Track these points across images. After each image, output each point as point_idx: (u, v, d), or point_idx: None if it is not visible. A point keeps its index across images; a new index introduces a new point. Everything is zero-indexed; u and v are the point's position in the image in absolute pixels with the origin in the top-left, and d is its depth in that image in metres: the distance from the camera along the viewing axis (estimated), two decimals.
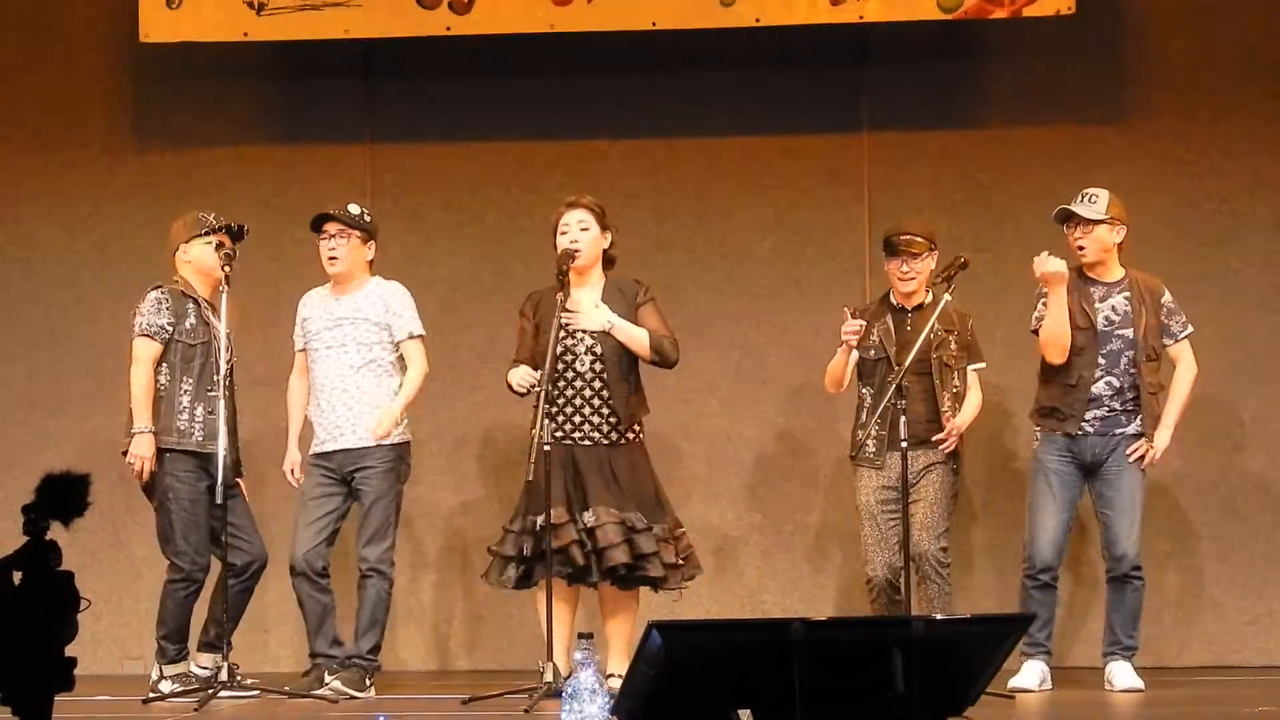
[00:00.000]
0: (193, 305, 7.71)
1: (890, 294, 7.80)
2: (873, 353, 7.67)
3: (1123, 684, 7.56)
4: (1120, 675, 7.59)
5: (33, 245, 9.17)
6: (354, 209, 7.82)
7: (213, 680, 7.45)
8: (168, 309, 7.67)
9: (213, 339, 7.65)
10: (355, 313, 7.73)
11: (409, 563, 8.75)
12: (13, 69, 9.19)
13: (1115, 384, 7.66)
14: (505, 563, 7.44)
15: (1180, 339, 7.78)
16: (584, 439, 7.39)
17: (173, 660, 7.70)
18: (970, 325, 7.77)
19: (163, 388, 7.65)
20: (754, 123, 8.99)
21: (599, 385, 7.42)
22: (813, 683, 4.57)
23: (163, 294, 7.71)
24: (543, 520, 7.19)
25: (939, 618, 5.54)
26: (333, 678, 7.55)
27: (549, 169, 8.97)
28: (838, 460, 8.57)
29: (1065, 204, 7.73)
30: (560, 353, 7.36)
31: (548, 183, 8.77)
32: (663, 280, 8.26)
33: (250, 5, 8.63)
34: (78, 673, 4.08)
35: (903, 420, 7.28)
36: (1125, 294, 7.71)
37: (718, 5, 8.51)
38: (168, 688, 7.59)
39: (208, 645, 7.77)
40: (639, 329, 7.46)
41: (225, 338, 7.54)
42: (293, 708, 7.32)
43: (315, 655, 7.70)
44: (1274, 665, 8.61)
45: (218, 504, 7.41)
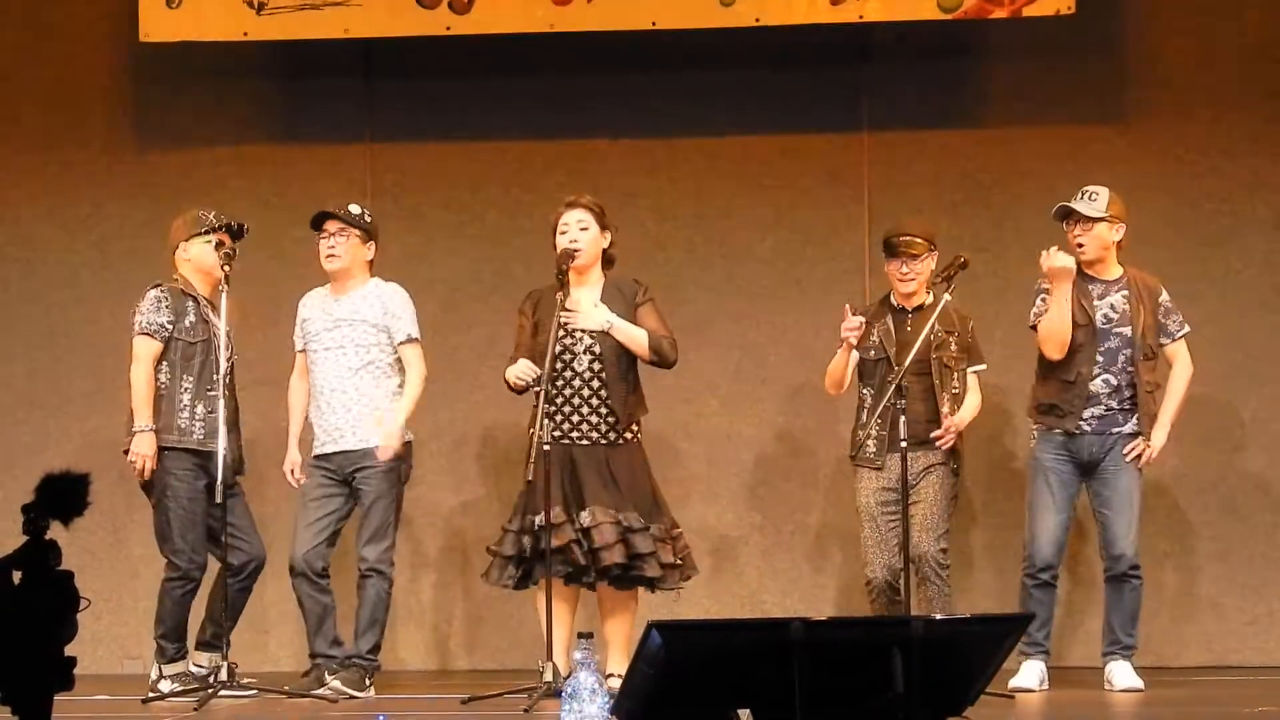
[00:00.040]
0: (192, 303, 7.71)
1: (890, 295, 7.80)
2: (873, 353, 7.67)
3: (1122, 684, 7.56)
4: (1120, 675, 7.59)
5: (33, 245, 9.17)
6: (354, 209, 7.83)
7: (209, 679, 7.46)
8: (167, 307, 7.67)
9: (212, 337, 7.65)
10: (353, 314, 7.73)
11: (409, 563, 8.75)
12: (13, 69, 9.18)
13: (1113, 382, 7.66)
14: (506, 562, 7.43)
15: (1177, 338, 7.78)
16: (582, 439, 7.39)
17: (171, 659, 7.71)
18: (971, 327, 7.76)
19: (163, 386, 7.65)
20: (754, 122, 8.98)
21: (597, 385, 7.41)
22: (813, 683, 4.57)
23: (162, 292, 7.71)
24: (541, 520, 7.20)
25: (939, 618, 5.53)
26: (333, 677, 7.55)
27: (549, 169, 8.97)
28: (838, 460, 8.56)
29: (1065, 202, 7.75)
30: (559, 352, 7.36)
31: (548, 183, 8.77)
32: (662, 280, 8.26)
33: (250, 5, 8.63)
34: (77, 672, 4.07)
35: (902, 420, 7.28)
36: (1123, 292, 7.72)
37: (718, 5, 8.51)
38: (167, 687, 7.59)
39: (204, 644, 7.78)
40: (638, 329, 7.45)
41: (225, 335, 7.55)
42: (292, 707, 7.32)
43: (315, 655, 7.70)
44: (1273, 665, 8.61)
45: (217, 503, 7.42)
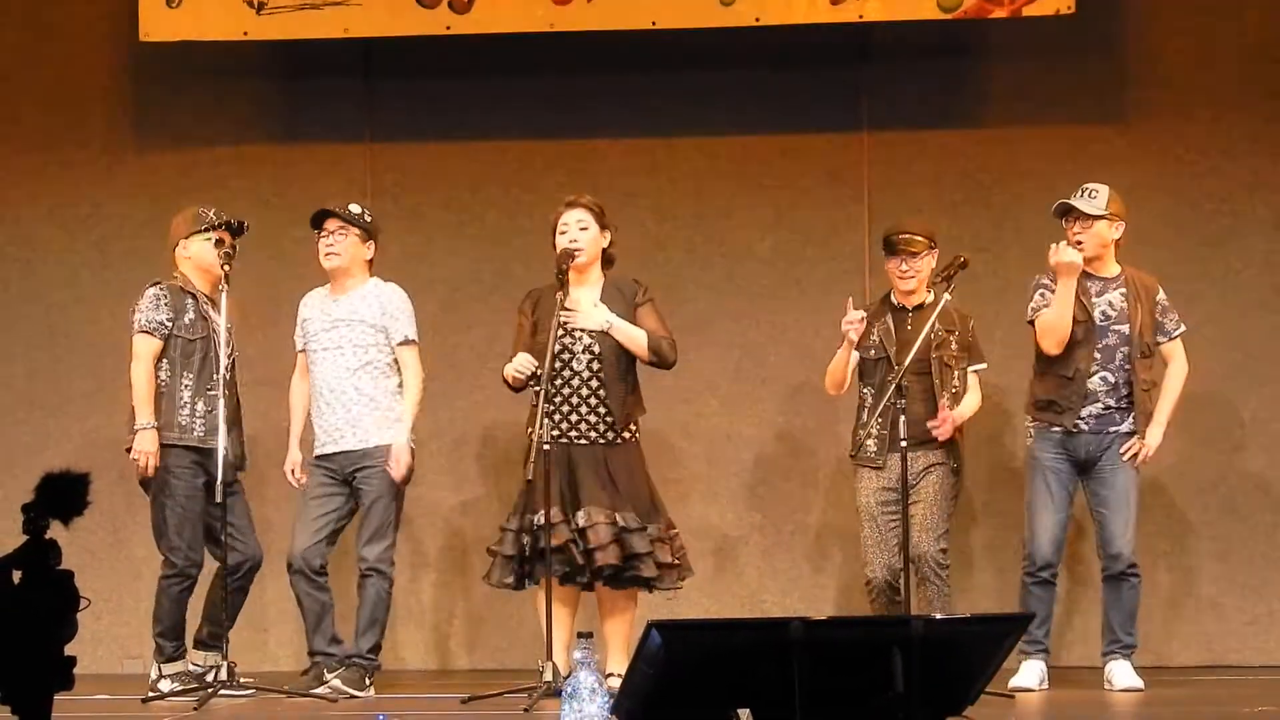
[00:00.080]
0: (191, 301, 7.71)
1: (891, 294, 7.80)
2: (873, 352, 7.67)
3: (1122, 683, 7.56)
4: (1120, 675, 7.59)
5: (33, 245, 9.17)
6: (354, 208, 7.83)
7: (205, 678, 7.46)
8: (166, 305, 7.67)
9: (212, 334, 7.65)
10: (352, 314, 7.72)
11: (409, 563, 8.75)
12: (13, 69, 9.18)
13: (1110, 379, 7.65)
14: (506, 562, 7.43)
15: (1174, 337, 7.79)
16: (580, 438, 7.38)
17: (170, 658, 7.70)
18: (972, 326, 7.76)
19: (163, 383, 7.65)
20: (754, 122, 8.98)
21: (596, 385, 7.40)
22: (812, 682, 4.57)
23: (161, 290, 7.71)
24: (540, 519, 7.20)
25: (939, 617, 5.53)
26: (332, 676, 7.55)
27: (549, 169, 8.96)
28: (838, 460, 8.56)
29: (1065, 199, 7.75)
30: (558, 351, 7.35)
31: (548, 182, 8.77)
32: (662, 280, 8.26)
33: (250, 4, 8.63)
34: (77, 672, 4.07)
35: (902, 420, 7.28)
36: (1121, 290, 7.72)
37: (718, 5, 8.51)
38: (167, 686, 7.58)
39: (201, 643, 7.78)
40: (637, 329, 7.45)
41: (226, 332, 7.55)
42: (291, 707, 7.31)
43: (314, 654, 7.69)
44: (1273, 665, 8.61)
45: (215, 501, 7.41)
